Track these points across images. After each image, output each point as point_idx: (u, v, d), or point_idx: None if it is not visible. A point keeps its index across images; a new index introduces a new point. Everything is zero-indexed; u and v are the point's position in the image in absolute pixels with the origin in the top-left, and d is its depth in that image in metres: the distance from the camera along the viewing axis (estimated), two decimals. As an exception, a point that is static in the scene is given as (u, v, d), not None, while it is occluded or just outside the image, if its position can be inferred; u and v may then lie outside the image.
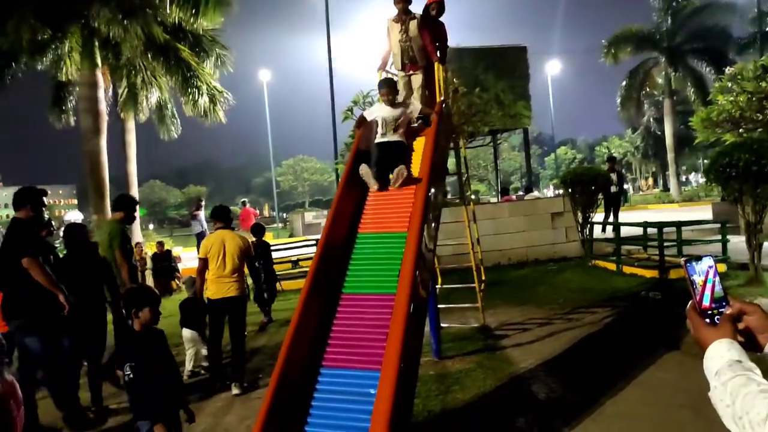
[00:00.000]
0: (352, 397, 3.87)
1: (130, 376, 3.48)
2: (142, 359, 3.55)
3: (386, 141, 5.33)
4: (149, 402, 3.54)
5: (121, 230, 6.68)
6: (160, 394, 3.60)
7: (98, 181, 16.75)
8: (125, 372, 3.49)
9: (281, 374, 3.87)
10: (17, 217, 5.52)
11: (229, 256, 6.39)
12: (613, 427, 4.50)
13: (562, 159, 66.62)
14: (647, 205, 34.48)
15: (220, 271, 6.36)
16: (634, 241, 12.87)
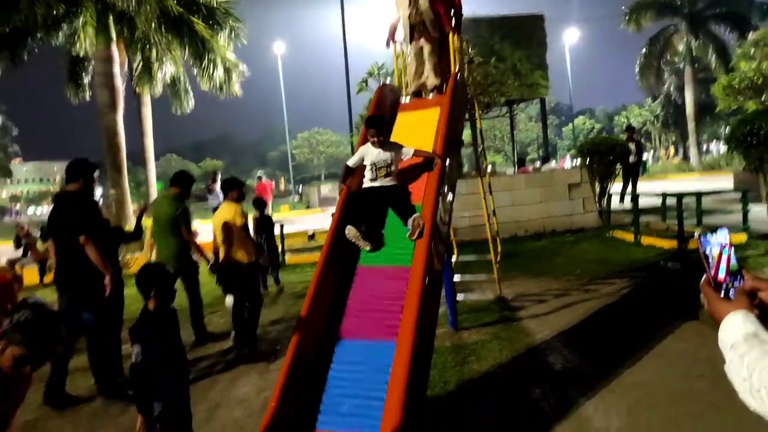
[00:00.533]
0: (368, 367, 3.89)
1: (139, 358, 3.36)
2: (153, 340, 3.45)
3: (377, 186, 4.56)
4: (159, 384, 3.45)
5: (179, 206, 6.94)
6: (171, 376, 3.53)
7: (115, 155, 16.88)
8: (134, 353, 3.35)
9: (297, 346, 3.90)
10: (70, 190, 5.52)
11: (215, 228, 6.77)
12: (630, 396, 4.49)
13: (579, 129, 65.78)
14: (666, 175, 34.01)
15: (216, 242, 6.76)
16: (653, 212, 12.72)
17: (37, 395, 5.26)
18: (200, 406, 5.23)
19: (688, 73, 36.78)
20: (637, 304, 7.21)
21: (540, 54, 17.33)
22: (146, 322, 3.50)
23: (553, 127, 72.32)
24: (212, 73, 17.60)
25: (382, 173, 4.55)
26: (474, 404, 4.74)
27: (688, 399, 4.36)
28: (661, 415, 4.15)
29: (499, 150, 59.12)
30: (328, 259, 4.45)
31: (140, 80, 19.00)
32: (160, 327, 3.55)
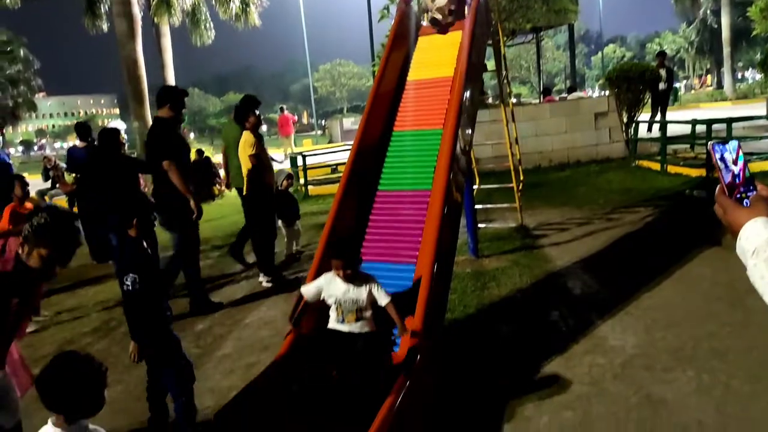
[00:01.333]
0: (388, 288, 3.98)
1: (134, 287, 3.32)
2: (144, 270, 3.43)
3: (344, 331, 3.36)
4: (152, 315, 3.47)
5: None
6: (159, 301, 3.57)
7: (136, 87, 16.84)
8: (125, 282, 3.33)
9: (319, 269, 3.99)
10: (159, 116, 5.63)
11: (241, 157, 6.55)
12: (647, 318, 4.55)
13: (609, 58, 63.81)
14: (698, 104, 33.06)
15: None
16: (682, 140, 12.45)
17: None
18: (229, 326, 5.45)
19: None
20: (660, 231, 7.17)
21: (569, -23, 16.62)
22: (135, 250, 3.49)
23: (581, 56, 70.23)
24: (229, 1, 17.26)
25: (351, 318, 3.35)
26: (493, 326, 4.84)
27: (705, 319, 4.40)
28: (677, 335, 4.21)
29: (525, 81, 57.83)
30: (349, 183, 4.49)
31: (158, 9, 18.72)
32: (146, 254, 3.58)
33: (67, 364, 1.99)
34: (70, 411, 1.96)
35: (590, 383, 3.67)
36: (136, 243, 3.51)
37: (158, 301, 3.55)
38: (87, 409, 2.01)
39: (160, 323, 3.51)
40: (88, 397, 1.98)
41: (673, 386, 3.52)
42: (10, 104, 43.95)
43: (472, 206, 6.83)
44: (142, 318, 3.41)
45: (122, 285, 3.38)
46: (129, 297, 3.37)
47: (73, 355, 2.05)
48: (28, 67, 45.47)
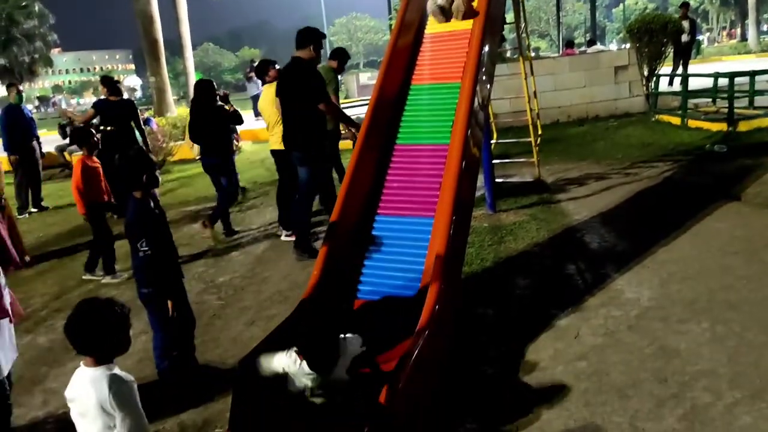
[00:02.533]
0: (407, 242, 4.05)
1: (147, 252, 3.40)
2: (157, 231, 3.52)
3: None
4: (167, 275, 3.55)
5: (335, 77, 7.33)
6: (174, 267, 3.65)
7: (152, 42, 16.77)
8: (141, 246, 3.39)
9: (337, 222, 4.06)
10: (299, 56, 5.62)
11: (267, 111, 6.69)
12: (663, 271, 4.58)
13: (631, 10, 62.06)
14: (722, 57, 32.19)
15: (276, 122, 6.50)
16: (703, 94, 12.22)
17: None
18: (249, 279, 5.57)
19: (754, -56, 33.90)
20: (678, 186, 7.13)
21: (591, -76, 16.11)
22: (145, 212, 3.50)
23: (602, 9, 68.41)
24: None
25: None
26: (509, 279, 4.90)
27: (721, 273, 4.43)
28: (692, 287, 4.25)
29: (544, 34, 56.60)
30: (367, 138, 4.51)
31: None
32: (160, 218, 3.62)
33: (90, 309, 2.08)
34: (99, 352, 2.05)
35: (605, 334, 3.73)
36: (143, 204, 3.51)
37: (172, 257, 3.67)
38: (115, 349, 2.10)
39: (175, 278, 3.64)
40: (114, 338, 2.07)
41: (687, 337, 3.58)
42: (27, 60, 43.91)
43: (489, 161, 6.83)
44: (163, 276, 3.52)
45: (136, 251, 3.43)
46: (142, 261, 3.44)
47: (96, 301, 2.13)
48: (43, 23, 45.21)
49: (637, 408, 2.95)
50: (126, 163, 3.57)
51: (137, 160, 3.58)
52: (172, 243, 3.71)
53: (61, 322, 2.48)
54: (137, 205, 3.49)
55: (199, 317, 4.72)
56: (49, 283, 6.03)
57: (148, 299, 3.58)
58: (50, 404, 3.64)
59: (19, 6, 43.03)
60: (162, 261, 3.51)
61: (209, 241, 6.73)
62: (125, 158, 3.64)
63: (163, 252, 3.54)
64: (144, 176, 3.46)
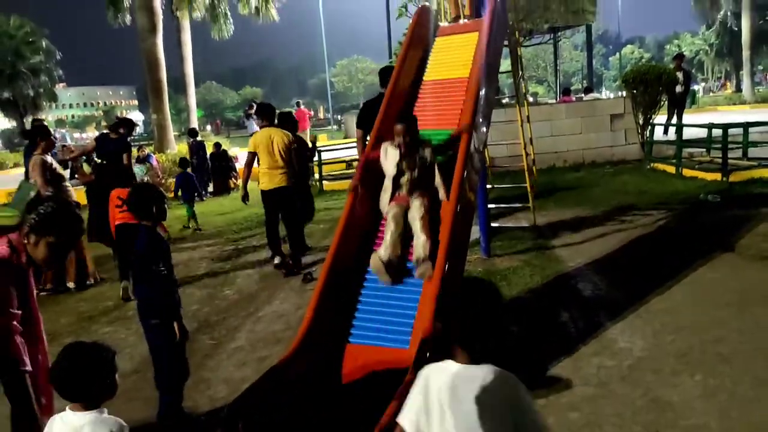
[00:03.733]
0: (401, 284, 4.05)
1: (164, 271, 3.48)
2: (168, 256, 3.58)
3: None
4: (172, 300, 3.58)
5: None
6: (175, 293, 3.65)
7: (156, 80, 17.03)
8: (158, 267, 3.46)
9: (332, 264, 4.06)
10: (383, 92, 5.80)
11: (276, 150, 6.76)
12: (657, 321, 4.58)
13: (627, 59, 63.30)
14: (717, 107, 32.72)
15: (271, 164, 6.77)
16: (698, 144, 12.39)
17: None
18: (243, 318, 5.55)
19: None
20: (672, 235, 7.18)
21: (589, -24, 16.56)
22: (155, 239, 3.58)
23: (599, 57, 69.74)
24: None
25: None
26: (502, 324, 4.89)
27: (714, 325, 4.43)
28: (685, 339, 4.24)
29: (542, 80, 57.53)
30: (363, 180, 4.55)
31: (180, 3, 18.91)
32: (163, 242, 3.70)
33: (76, 354, 2.04)
34: (86, 398, 2.02)
35: (597, 385, 3.71)
36: (154, 232, 3.60)
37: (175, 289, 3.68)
38: (102, 395, 2.06)
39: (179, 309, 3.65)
40: (100, 384, 2.03)
41: (679, 390, 3.56)
42: (31, 94, 44.46)
43: (485, 205, 6.88)
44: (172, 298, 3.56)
45: (148, 278, 3.49)
46: (164, 282, 3.50)
47: (81, 345, 2.10)
48: (49, 58, 45.95)
49: (629, 462, 2.92)
50: (137, 194, 3.65)
51: (147, 192, 3.67)
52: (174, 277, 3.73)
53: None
54: (148, 233, 3.55)
55: (191, 357, 4.69)
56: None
57: (158, 330, 3.53)
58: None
59: (27, 41, 43.78)
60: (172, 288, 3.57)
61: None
62: (136, 189, 3.76)
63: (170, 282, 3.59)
64: (153, 207, 3.53)
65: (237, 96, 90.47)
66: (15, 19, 43.84)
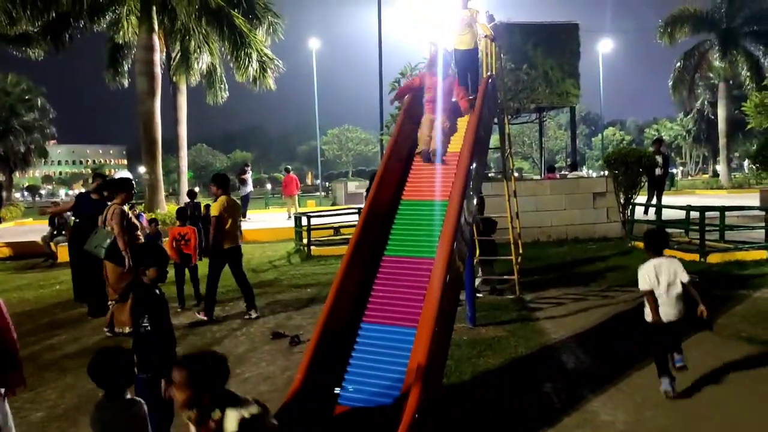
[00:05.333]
0: (389, 350, 4.15)
1: (147, 328, 3.62)
2: (157, 312, 3.69)
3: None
4: (162, 356, 3.61)
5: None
6: (169, 349, 3.72)
7: (151, 141, 17.32)
8: (142, 323, 3.62)
9: (324, 327, 4.17)
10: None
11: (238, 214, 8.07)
12: (638, 395, 4.68)
13: (609, 140, 65.30)
14: (694, 190, 33.68)
15: (233, 226, 7.87)
16: (677, 225, 12.77)
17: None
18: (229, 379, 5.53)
19: (722, 89, 36.43)
20: (653, 312, 7.33)
21: (572, 62, 17.38)
22: (150, 294, 3.70)
23: (582, 137, 71.88)
24: (248, 66, 17.96)
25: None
26: (486, 394, 4.96)
27: (693, 401, 4.54)
28: (665, 414, 4.34)
29: (527, 156, 58.91)
30: (356, 248, 4.72)
31: (178, 70, 19.47)
32: (160, 298, 3.77)
33: (105, 355, 2.82)
34: (114, 386, 2.80)
35: (580, 455, 3.78)
36: (147, 287, 3.72)
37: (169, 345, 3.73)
38: (125, 383, 2.85)
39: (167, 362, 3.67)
40: (125, 375, 2.84)
41: (659, 462, 3.64)
42: (22, 150, 44.73)
43: (471, 276, 7.04)
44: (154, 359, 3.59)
45: (138, 327, 3.62)
46: (143, 336, 3.61)
47: (109, 349, 2.88)
48: (43, 116, 46.53)
49: None
50: (146, 251, 3.85)
51: (151, 252, 3.86)
52: (171, 331, 3.82)
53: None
54: (141, 287, 3.70)
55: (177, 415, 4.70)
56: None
57: (145, 384, 3.53)
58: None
59: (23, 99, 44.41)
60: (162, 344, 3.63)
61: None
62: (139, 249, 3.89)
63: (163, 337, 3.66)
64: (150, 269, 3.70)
65: (227, 159, 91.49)
66: (12, 76, 44.57)
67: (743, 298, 7.65)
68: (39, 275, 12.20)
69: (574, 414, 4.40)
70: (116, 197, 7.07)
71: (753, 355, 5.53)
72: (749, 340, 5.94)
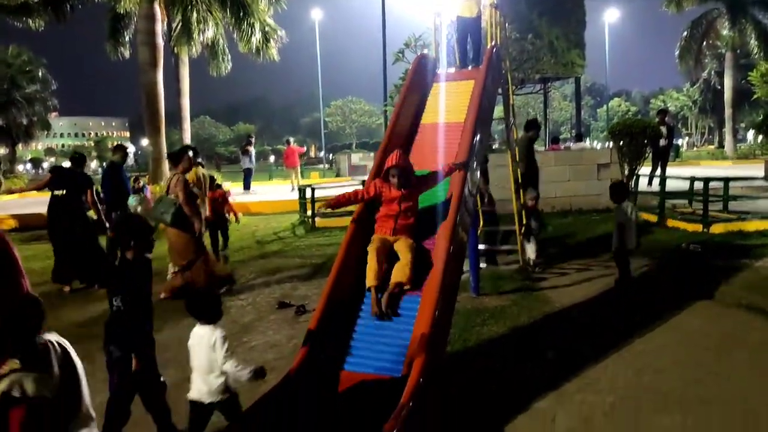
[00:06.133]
0: (394, 318, 4.21)
1: (120, 307, 3.50)
2: (133, 289, 3.57)
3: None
4: (137, 333, 3.59)
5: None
6: (144, 326, 3.67)
7: (154, 113, 17.28)
8: (114, 301, 3.49)
9: (329, 297, 4.23)
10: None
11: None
12: (638, 362, 4.76)
13: (614, 111, 64.86)
14: (699, 161, 33.55)
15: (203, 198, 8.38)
16: (680, 196, 12.77)
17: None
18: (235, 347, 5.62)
19: (729, 59, 36.02)
20: (655, 281, 7.41)
21: (578, 32, 17.21)
22: (128, 271, 3.57)
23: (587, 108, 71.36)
24: (251, 36, 17.83)
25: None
26: (490, 360, 5.05)
27: (692, 367, 4.62)
28: (665, 379, 4.42)
29: (531, 128, 58.65)
30: (361, 217, 4.75)
31: (179, 40, 19.29)
32: (140, 275, 3.63)
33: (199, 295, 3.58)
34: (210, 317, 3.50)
35: (581, 419, 3.87)
36: (130, 263, 3.59)
37: (142, 322, 3.65)
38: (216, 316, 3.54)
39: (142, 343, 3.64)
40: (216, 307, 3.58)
41: (658, 428, 3.72)
42: (25, 122, 44.68)
43: (475, 246, 7.09)
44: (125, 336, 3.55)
45: (111, 304, 3.53)
46: (115, 316, 3.53)
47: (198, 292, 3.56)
48: (45, 88, 46.34)
49: (609, 491, 3.07)
50: (120, 226, 3.68)
51: (130, 225, 3.68)
52: (149, 308, 3.72)
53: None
54: (124, 263, 3.57)
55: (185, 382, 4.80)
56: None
57: (116, 360, 3.53)
58: None
59: (24, 71, 44.19)
60: (135, 323, 3.55)
61: None
62: (120, 221, 3.79)
63: (140, 314, 3.59)
64: (133, 241, 3.56)
65: (230, 132, 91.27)
66: (13, 48, 44.31)
67: (745, 267, 7.70)
68: (45, 246, 12.22)
69: (575, 380, 4.48)
70: (178, 166, 7.38)
71: (752, 323, 5.59)
72: (749, 309, 6.00)
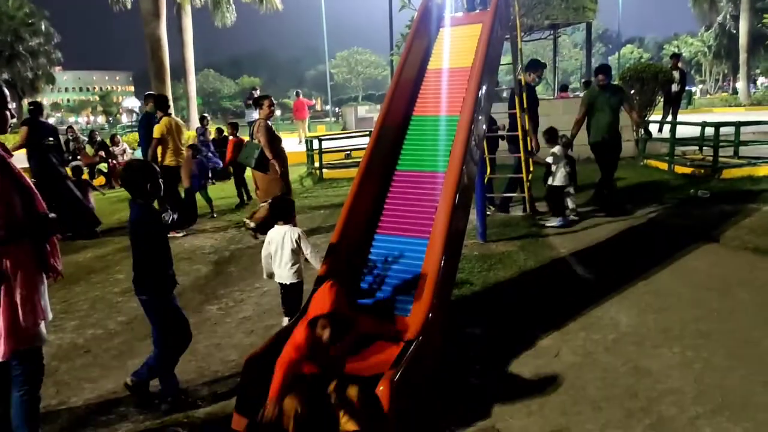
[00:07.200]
0: (402, 259, 4.32)
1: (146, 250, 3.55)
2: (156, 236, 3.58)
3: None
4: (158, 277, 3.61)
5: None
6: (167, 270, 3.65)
7: (159, 65, 17.18)
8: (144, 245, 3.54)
9: (338, 240, 4.32)
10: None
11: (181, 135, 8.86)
12: (642, 301, 4.87)
13: (626, 58, 63.62)
14: (712, 108, 33.10)
15: (177, 146, 8.64)
16: (691, 142, 12.69)
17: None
18: (249, 292, 5.81)
19: (745, 1, 35.07)
20: (661, 226, 7.46)
21: (590, -27, 16.77)
22: (144, 216, 3.54)
23: (598, 56, 69.92)
24: (254, -16, 17.53)
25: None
26: (496, 302, 5.17)
27: (695, 306, 4.72)
28: (667, 317, 4.53)
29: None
30: (370, 163, 4.81)
31: (182, -10, 19.04)
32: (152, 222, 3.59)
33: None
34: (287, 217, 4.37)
35: (583, 354, 4.00)
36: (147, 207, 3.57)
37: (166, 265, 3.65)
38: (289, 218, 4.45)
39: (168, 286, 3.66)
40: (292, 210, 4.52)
41: (659, 360, 3.85)
42: (30, 76, 44.49)
43: (482, 193, 7.15)
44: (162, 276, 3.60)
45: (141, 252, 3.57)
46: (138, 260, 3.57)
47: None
48: (48, 41, 45.92)
49: (609, 418, 3.21)
50: (128, 173, 3.61)
51: (139, 170, 3.61)
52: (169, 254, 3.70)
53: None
54: (141, 210, 3.52)
55: (202, 324, 4.98)
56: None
57: (149, 305, 3.58)
58: (62, 394, 3.86)
59: (26, 23, 43.74)
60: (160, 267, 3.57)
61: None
62: (128, 167, 3.73)
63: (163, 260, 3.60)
64: (147, 185, 3.50)
65: (235, 85, 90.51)
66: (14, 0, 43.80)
67: (753, 211, 7.73)
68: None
69: (579, 318, 4.60)
70: (260, 112, 7.68)
71: (758, 264, 5.67)
72: (755, 251, 6.06)
